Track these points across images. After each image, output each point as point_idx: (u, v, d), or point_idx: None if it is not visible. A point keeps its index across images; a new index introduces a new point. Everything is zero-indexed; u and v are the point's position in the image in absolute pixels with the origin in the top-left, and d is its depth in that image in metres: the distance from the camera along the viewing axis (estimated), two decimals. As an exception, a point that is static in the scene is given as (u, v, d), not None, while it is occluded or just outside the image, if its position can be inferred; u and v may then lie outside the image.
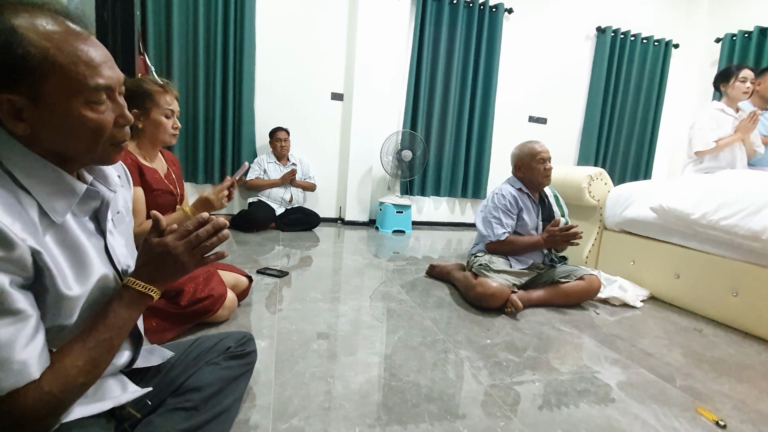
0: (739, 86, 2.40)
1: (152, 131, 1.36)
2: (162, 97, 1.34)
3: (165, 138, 1.39)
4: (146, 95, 1.32)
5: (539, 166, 1.97)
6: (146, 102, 1.33)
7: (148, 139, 1.38)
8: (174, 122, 1.39)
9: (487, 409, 1.09)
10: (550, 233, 1.90)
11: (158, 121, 1.35)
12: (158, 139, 1.39)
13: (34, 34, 0.53)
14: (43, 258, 0.55)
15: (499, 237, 1.95)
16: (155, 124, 1.35)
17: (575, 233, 1.85)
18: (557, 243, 1.90)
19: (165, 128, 1.37)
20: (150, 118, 1.34)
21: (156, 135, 1.37)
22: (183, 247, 0.70)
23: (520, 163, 2.03)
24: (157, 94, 1.34)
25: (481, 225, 2.05)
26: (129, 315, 0.67)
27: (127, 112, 0.64)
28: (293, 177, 3.52)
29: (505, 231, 1.96)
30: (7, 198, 0.54)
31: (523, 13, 4.13)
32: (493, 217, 1.99)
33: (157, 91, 1.34)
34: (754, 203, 1.77)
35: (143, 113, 1.33)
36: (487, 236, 2.00)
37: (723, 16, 4.30)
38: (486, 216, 2.03)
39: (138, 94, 1.31)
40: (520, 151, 2.04)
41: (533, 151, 1.98)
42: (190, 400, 0.81)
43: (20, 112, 0.55)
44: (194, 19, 3.32)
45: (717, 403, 1.22)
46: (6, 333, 0.52)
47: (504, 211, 1.98)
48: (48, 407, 0.56)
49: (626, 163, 4.67)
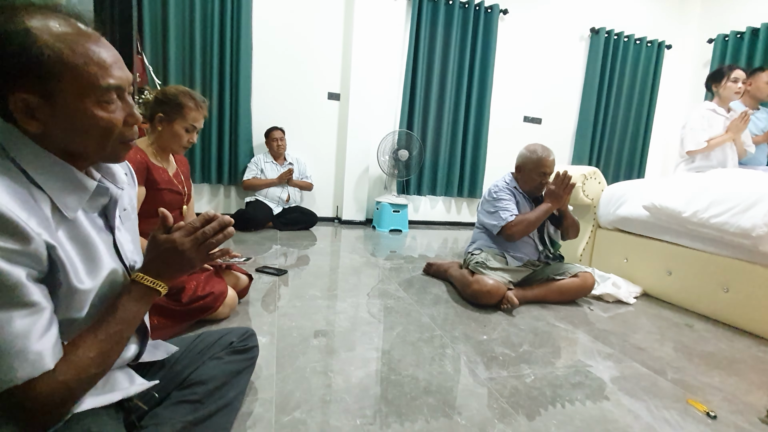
0: (731, 86, 2.45)
1: (167, 138, 1.40)
2: (191, 114, 1.39)
3: (175, 148, 1.44)
4: (178, 107, 1.37)
5: (537, 178, 1.99)
6: (175, 112, 1.37)
7: (161, 143, 1.42)
8: (191, 137, 1.43)
9: (484, 402, 1.12)
10: (549, 191, 1.93)
11: (177, 132, 1.39)
12: (169, 146, 1.43)
13: (48, 36, 0.55)
14: (57, 252, 0.57)
15: (507, 220, 1.93)
16: (173, 134, 1.39)
17: (567, 176, 1.89)
18: (561, 196, 1.91)
19: (180, 140, 1.41)
20: (171, 127, 1.38)
21: (169, 143, 1.42)
22: (190, 243, 0.72)
23: (522, 165, 2.03)
24: (189, 110, 1.38)
25: (487, 219, 2.04)
26: (138, 309, 0.69)
27: (136, 111, 0.66)
28: (290, 176, 3.53)
29: (511, 213, 1.96)
30: (23, 194, 0.55)
31: (518, 13, 4.17)
32: (495, 207, 2.00)
33: (190, 107, 1.38)
34: (744, 201, 1.81)
35: (167, 120, 1.38)
36: (496, 225, 1.97)
37: (715, 17, 4.36)
38: (487, 209, 2.05)
39: (172, 104, 1.36)
40: (529, 154, 2.00)
41: (539, 162, 1.96)
42: (195, 393, 0.83)
43: (34, 111, 0.56)
44: (191, 19, 3.32)
45: (707, 395, 1.26)
46: (22, 324, 0.53)
47: (503, 198, 2.00)
48: (61, 396, 0.58)
49: (620, 162, 4.72)
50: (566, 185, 1.90)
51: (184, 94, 1.38)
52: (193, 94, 1.40)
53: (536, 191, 2.04)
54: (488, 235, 2.08)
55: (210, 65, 3.42)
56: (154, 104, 1.38)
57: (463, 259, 2.15)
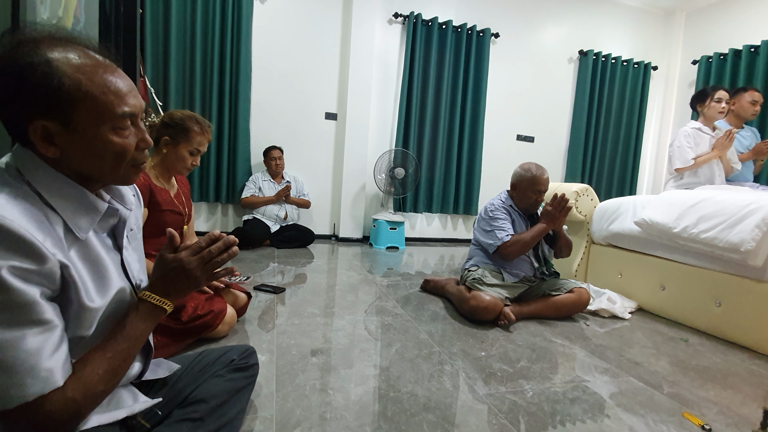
0: (715, 106, 2.54)
1: (172, 160, 1.44)
2: (197, 138, 1.43)
3: (179, 170, 1.48)
4: (184, 131, 1.41)
5: (532, 196, 2.04)
6: (180, 136, 1.42)
7: (165, 165, 1.46)
8: (195, 160, 1.47)
9: (483, 418, 1.12)
10: (545, 212, 1.96)
11: (182, 155, 1.44)
12: (173, 168, 1.47)
13: (68, 67, 0.59)
14: (69, 271, 0.59)
15: (503, 240, 1.96)
16: (177, 157, 1.43)
17: (564, 199, 1.92)
18: (556, 217, 1.94)
19: (184, 163, 1.45)
20: (176, 150, 1.43)
21: (173, 165, 1.45)
22: (196, 262, 0.74)
23: (517, 183, 2.08)
24: (194, 134, 1.43)
25: (483, 237, 2.07)
26: (144, 326, 0.71)
27: (147, 136, 0.69)
28: (288, 193, 3.57)
29: (507, 233, 1.99)
30: (38, 216, 0.58)
31: (509, 37, 4.31)
32: (491, 226, 2.03)
33: (196, 132, 1.43)
34: (732, 217, 1.86)
35: (173, 143, 1.42)
36: (492, 244, 2.00)
37: (698, 40, 4.53)
38: (484, 228, 2.08)
39: (178, 127, 1.40)
40: (524, 173, 2.05)
41: (534, 180, 2.02)
42: (196, 411, 0.83)
43: (52, 137, 0.60)
44: (191, 41, 3.41)
45: (703, 408, 1.27)
46: (35, 342, 0.55)
47: (499, 218, 2.04)
48: (70, 413, 0.59)
49: (612, 179, 4.81)
50: (562, 208, 1.94)
51: (190, 118, 1.43)
52: (199, 118, 1.45)
53: (532, 209, 2.09)
54: (484, 252, 2.11)
55: (210, 87, 3.50)
56: (161, 127, 1.42)
57: (460, 275, 2.18)
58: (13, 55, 0.57)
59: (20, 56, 0.57)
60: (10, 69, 0.57)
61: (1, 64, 0.57)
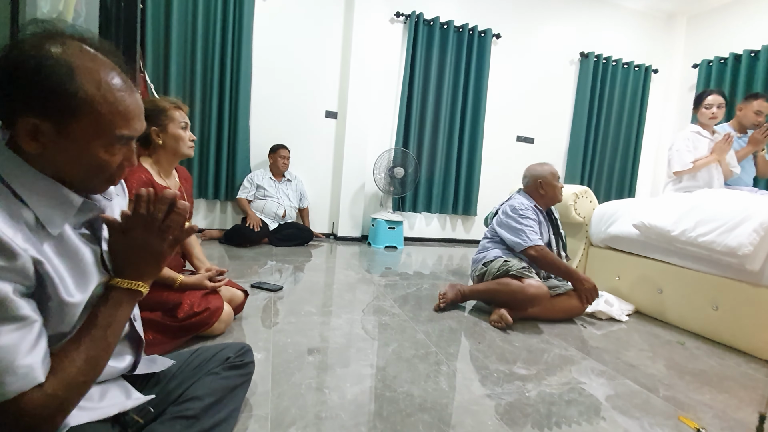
0: (705, 113, 2.54)
1: (172, 145, 1.44)
2: (175, 113, 1.44)
3: (184, 150, 1.47)
4: (162, 112, 1.42)
5: (558, 184, 2.14)
6: (162, 118, 1.42)
7: (169, 153, 1.46)
8: (189, 134, 1.48)
9: (479, 418, 1.12)
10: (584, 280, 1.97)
11: (176, 134, 1.44)
12: (179, 152, 1.47)
13: (88, 80, 0.58)
14: (44, 267, 0.58)
15: (536, 243, 1.96)
16: (174, 138, 1.44)
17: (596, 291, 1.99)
18: (581, 291, 1.98)
19: (184, 140, 1.46)
20: (168, 133, 1.43)
21: (177, 148, 1.45)
22: (142, 234, 0.69)
23: (543, 181, 2.13)
24: (172, 110, 1.44)
25: (510, 234, 2.04)
26: (120, 313, 0.68)
27: (134, 157, 0.69)
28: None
29: (540, 237, 2.00)
30: (8, 210, 0.56)
31: (510, 38, 4.30)
32: (522, 224, 2.02)
33: (172, 106, 1.44)
34: (730, 221, 1.86)
35: (162, 129, 1.42)
36: (521, 243, 1.99)
37: (699, 44, 4.53)
38: (513, 225, 2.04)
39: (155, 113, 1.40)
40: (542, 170, 2.15)
41: (553, 170, 2.15)
42: (190, 409, 0.83)
43: (38, 135, 0.58)
44: (192, 37, 3.40)
45: (698, 411, 1.27)
46: (11, 338, 0.54)
47: (530, 217, 2.04)
48: (53, 408, 0.58)
49: (611, 182, 4.81)
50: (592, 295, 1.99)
51: (159, 100, 1.45)
52: (165, 97, 1.48)
53: (556, 199, 2.16)
54: (506, 246, 2.11)
55: (210, 83, 3.48)
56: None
57: (477, 269, 2.13)
58: (37, 45, 0.56)
59: (44, 51, 0.56)
60: (32, 61, 0.55)
61: (23, 51, 0.56)
